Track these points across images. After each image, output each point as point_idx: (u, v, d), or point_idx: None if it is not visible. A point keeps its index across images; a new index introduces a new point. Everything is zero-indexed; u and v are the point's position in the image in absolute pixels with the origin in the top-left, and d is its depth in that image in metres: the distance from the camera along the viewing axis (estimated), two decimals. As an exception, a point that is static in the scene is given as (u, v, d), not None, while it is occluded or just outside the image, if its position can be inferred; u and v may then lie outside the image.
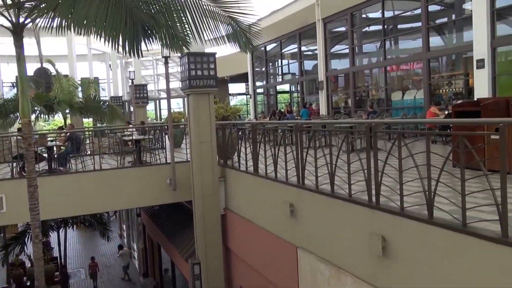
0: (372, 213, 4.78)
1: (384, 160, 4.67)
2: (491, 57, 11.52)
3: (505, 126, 3.54)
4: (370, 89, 18.75)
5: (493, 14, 11.49)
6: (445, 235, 3.90)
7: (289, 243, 6.61)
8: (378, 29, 16.78)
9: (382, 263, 4.60)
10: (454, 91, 14.23)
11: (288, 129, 8.32)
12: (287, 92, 27.16)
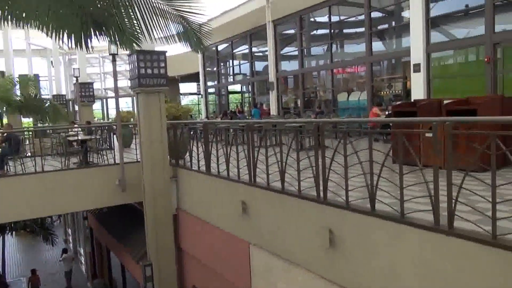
0: (320, 208, 5.07)
1: (331, 158, 4.98)
2: (426, 62, 12.41)
3: (437, 124, 3.93)
4: (318, 90, 19.40)
5: (428, 22, 12.38)
6: (386, 226, 4.25)
7: (242, 240, 6.79)
8: (326, 32, 17.47)
9: (330, 255, 4.90)
10: (394, 93, 15.14)
11: (240, 129, 8.51)
12: (239, 92, 27.41)
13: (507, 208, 4.05)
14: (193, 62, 26.93)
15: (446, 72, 12.97)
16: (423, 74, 12.40)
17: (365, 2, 14.68)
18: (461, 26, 12.66)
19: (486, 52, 11.16)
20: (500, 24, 11.24)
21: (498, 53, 11.09)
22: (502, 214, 3.71)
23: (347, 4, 16.31)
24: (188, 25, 7.43)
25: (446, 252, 3.72)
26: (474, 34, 11.77)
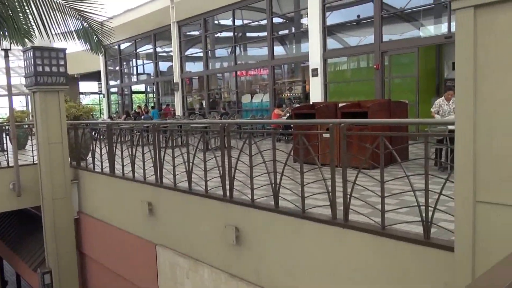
0: (226, 206, 5.21)
1: (236, 157, 5.13)
2: (323, 67, 13.31)
3: (333, 126, 4.29)
4: (222, 91, 19.64)
5: (324, 30, 13.28)
6: (288, 221, 4.52)
7: (148, 242, 6.67)
8: (230, 35, 17.76)
9: (236, 251, 5.06)
10: (294, 95, 15.97)
11: (145, 129, 8.33)
12: (143, 92, 26.57)
13: (394, 201, 4.54)
14: (94, 60, 25.43)
15: (341, 77, 14.06)
16: (320, 78, 13.28)
17: (267, 8, 15.25)
18: (354, 35, 13.80)
19: (375, 60, 12.30)
20: (387, 35, 12.49)
21: (385, 60, 12.31)
22: (389, 207, 4.17)
23: (250, 9, 16.78)
24: (88, 25, 7.08)
25: (342, 243, 4.08)
26: (365, 43, 12.89)
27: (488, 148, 2.34)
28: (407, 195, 3.90)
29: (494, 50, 2.30)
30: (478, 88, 2.37)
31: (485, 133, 2.35)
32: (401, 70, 12.50)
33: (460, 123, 2.44)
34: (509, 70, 2.25)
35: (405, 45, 12.02)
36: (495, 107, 2.31)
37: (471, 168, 2.39)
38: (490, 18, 2.29)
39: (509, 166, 2.26)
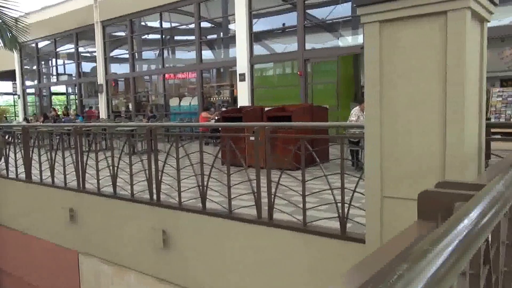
0: (153, 210, 5.17)
1: (163, 160, 5.12)
2: (250, 72, 13.61)
3: (258, 129, 4.46)
4: (150, 94, 19.22)
5: (251, 36, 13.59)
6: (216, 222, 4.60)
7: (70, 250, 6.38)
8: (157, 38, 17.46)
9: (164, 255, 5.03)
10: (223, 99, 16.11)
11: (66, 133, 7.95)
12: (64, 94, 25.08)
13: (315, 200, 4.80)
14: (8, 58, 23.60)
15: (267, 82, 14.47)
16: (247, 83, 13.56)
17: (195, 12, 15.24)
18: (280, 42, 14.29)
19: (299, 67, 12.85)
20: (311, 43, 13.10)
21: (308, 67, 12.90)
22: (311, 205, 4.41)
23: (178, 12, 16.65)
24: (1, 20, 6.66)
25: (268, 241, 4.25)
26: (290, 50, 13.40)
27: (392, 149, 2.61)
28: (327, 193, 4.17)
29: (397, 60, 2.58)
30: (384, 94, 2.64)
31: (390, 135, 2.62)
32: (323, 76, 13.17)
33: (369, 126, 2.69)
34: (409, 78, 2.54)
35: (326, 54, 12.69)
36: (398, 111, 2.59)
37: (379, 167, 2.66)
38: (394, 32, 2.58)
39: (408, 164, 2.55)
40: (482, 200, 0.88)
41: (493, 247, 1.88)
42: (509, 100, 9.72)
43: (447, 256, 0.63)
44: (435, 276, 0.58)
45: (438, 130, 2.44)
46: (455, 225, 0.74)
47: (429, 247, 0.63)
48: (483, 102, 2.75)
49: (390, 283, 0.53)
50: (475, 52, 2.59)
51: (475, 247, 0.75)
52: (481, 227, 0.77)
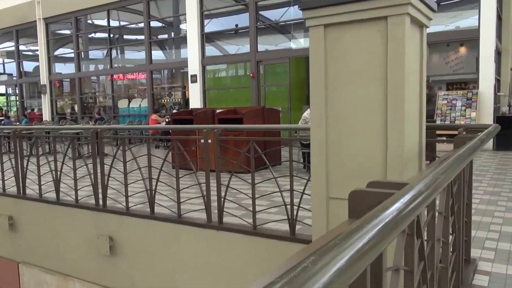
0: (99, 216, 4.97)
1: (110, 164, 4.93)
2: (202, 73, 13.48)
3: (207, 131, 4.40)
4: (97, 95, 18.56)
5: (203, 37, 13.47)
6: (164, 227, 4.50)
7: (9, 260, 6.00)
8: (105, 37, 16.88)
9: (111, 262, 4.85)
10: (174, 101, 15.84)
11: (5, 136, 7.47)
12: (3, 95, 23.66)
13: (266, 203, 4.81)
14: None
15: (220, 84, 14.38)
16: (199, 85, 13.41)
17: (144, 11, 14.87)
18: (232, 43, 14.26)
19: (251, 68, 12.88)
20: (264, 45, 13.17)
21: (261, 69, 12.96)
22: (261, 207, 4.41)
23: (127, 10, 16.20)
24: None
25: (218, 244, 4.20)
26: (243, 51, 13.41)
27: (337, 150, 2.65)
28: (278, 196, 4.19)
29: (341, 64, 2.62)
30: (329, 96, 2.67)
31: (335, 137, 2.66)
32: (275, 79, 13.26)
33: (315, 128, 2.72)
34: (353, 81, 2.58)
35: (278, 56, 12.80)
36: (342, 114, 2.63)
37: (324, 168, 2.68)
38: (338, 36, 2.61)
39: (352, 165, 2.59)
40: (398, 199, 0.95)
41: (428, 244, 1.96)
42: (454, 103, 10.25)
43: (353, 251, 0.68)
44: (339, 268, 0.62)
45: (380, 132, 2.50)
46: (367, 221, 0.79)
47: (337, 241, 0.69)
48: (423, 104, 2.85)
49: (294, 274, 0.56)
50: (415, 56, 2.68)
51: (386, 242, 0.82)
52: (393, 223, 0.84)
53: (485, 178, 6.52)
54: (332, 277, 0.60)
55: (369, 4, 2.42)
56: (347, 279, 0.66)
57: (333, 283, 0.60)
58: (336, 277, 0.61)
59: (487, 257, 3.37)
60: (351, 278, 0.68)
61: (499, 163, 8.02)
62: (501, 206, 4.89)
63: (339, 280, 0.62)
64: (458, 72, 11.22)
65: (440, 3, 11.07)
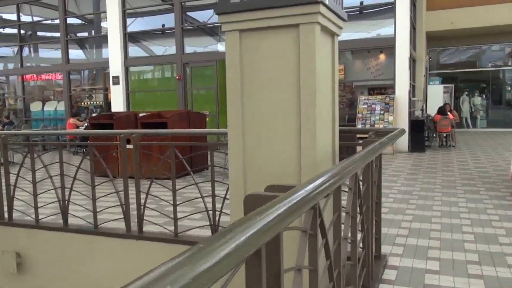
0: (4, 230, 4.55)
1: (17, 174, 4.55)
2: (125, 75, 12.97)
3: (125, 137, 4.21)
4: (6, 97, 17.08)
5: (125, 37, 12.97)
6: (80, 239, 4.23)
7: None
8: (14, 32, 15.58)
9: (18, 281, 4.47)
10: (95, 104, 15.06)
11: None
12: None
13: (189, 209, 4.71)
14: None
15: (145, 86, 13.92)
16: (122, 87, 12.89)
17: (59, 6, 13.96)
18: (159, 44, 13.88)
19: (178, 71, 12.64)
20: (192, 46, 12.98)
21: (187, 72, 12.77)
22: (184, 214, 4.31)
23: (41, 4, 15.09)
24: None
25: (137, 255, 4.03)
26: (169, 53, 13.10)
27: (253, 154, 2.65)
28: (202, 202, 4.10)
29: (257, 69, 2.63)
30: (246, 101, 2.67)
31: (252, 141, 2.66)
32: (203, 82, 13.13)
33: (232, 133, 2.70)
34: (269, 87, 2.60)
35: (205, 58, 12.68)
36: (259, 119, 2.63)
37: (242, 173, 2.68)
38: (253, 41, 2.62)
39: (270, 169, 2.61)
40: (281, 201, 1.05)
41: (335, 243, 2.02)
42: (373, 107, 10.83)
43: (223, 252, 0.76)
44: (207, 267, 0.71)
45: (294, 136, 2.54)
46: (244, 222, 0.88)
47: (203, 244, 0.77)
48: (335, 109, 2.95)
49: (161, 273, 0.67)
50: (326, 63, 2.76)
51: (263, 240, 0.92)
52: (271, 223, 0.94)
53: (399, 178, 6.95)
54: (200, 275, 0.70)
55: (281, 11, 2.45)
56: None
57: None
58: (204, 274, 0.71)
59: (397, 252, 3.58)
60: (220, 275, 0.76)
61: (413, 164, 8.61)
62: (412, 204, 5.23)
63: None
64: (378, 78, 11.91)
65: (362, 11, 11.69)
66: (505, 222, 4.36)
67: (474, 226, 4.26)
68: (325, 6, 2.47)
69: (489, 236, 3.94)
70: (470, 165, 8.06)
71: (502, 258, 3.39)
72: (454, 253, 3.52)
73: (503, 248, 3.61)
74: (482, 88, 17.45)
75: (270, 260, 1.26)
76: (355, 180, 2.29)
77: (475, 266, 3.25)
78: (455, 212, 4.80)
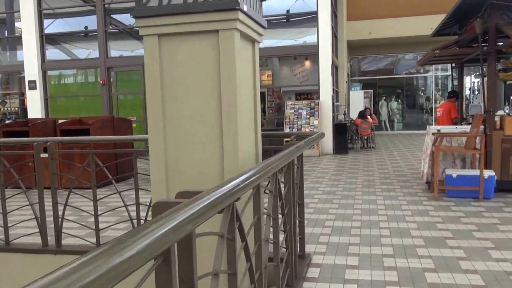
0: None
1: None
2: (43, 79, 12.19)
3: (39, 145, 3.95)
4: None
5: (42, 38, 12.21)
6: (-11, 257, 3.89)
7: None
8: None
9: None
10: (10, 110, 13.98)
11: None
12: None
13: (115, 218, 4.53)
14: None
15: (66, 91, 13.17)
16: (39, 92, 12.10)
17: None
18: (82, 47, 13.19)
19: (101, 75, 12.14)
20: (118, 50, 12.50)
21: (112, 76, 12.29)
22: (108, 224, 4.13)
23: None
24: None
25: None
26: (93, 56, 12.53)
27: (175, 160, 2.63)
28: (132, 210, 3.96)
29: (177, 74, 2.61)
30: (167, 106, 2.63)
31: (174, 146, 2.63)
32: (129, 86, 12.72)
33: (153, 138, 2.65)
34: (190, 91, 2.59)
35: (131, 62, 12.27)
36: (180, 124, 2.61)
37: (164, 178, 2.63)
38: (173, 46, 2.59)
39: (192, 174, 2.60)
40: (182, 208, 1.05)
41: (256, 244, 2.06)
42: (300, 112, 11.17)
43: (117, 259, 0.77)
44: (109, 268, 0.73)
45: (216, 141, 2.55)
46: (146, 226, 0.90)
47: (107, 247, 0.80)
48: (257, 113, 3.01)
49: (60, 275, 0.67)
50: (247, 68, 2.81)
51: (160, 249, 0.92)
52: (168, 230, 0.93)
53: (324, 180, 7.24)
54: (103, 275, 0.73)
55: (201, 17, 2.46)
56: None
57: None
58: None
59: (320, 250, 3.72)
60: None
61: (337, 165, 9.02)
62: (335, 204, 5.47)
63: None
64: (304, 84, 12.32)
65: (288, 20, 12.04)
66: (416, 216, 4.72)
67: (390, 221, 4.56)
68: (244, 13, 2.52)
69: (402, 230, 4.24)
70: (388, 165, 8.62)
71: (413, 250, 3.67)
72: (372, 248, 3.74)
73: (415, 241, 3.90)
74: (398, 93, 18.80)
75: (182, 267, 1.25)
76: (275, 183, 2.35)
77: (390, 259, 3.48)
78: (374, 209, 5.10)
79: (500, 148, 5.65)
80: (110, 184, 5.58)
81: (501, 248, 3.65)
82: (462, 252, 3.58)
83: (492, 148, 5.67)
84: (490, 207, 5.05)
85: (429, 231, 4.19)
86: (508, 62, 6.48)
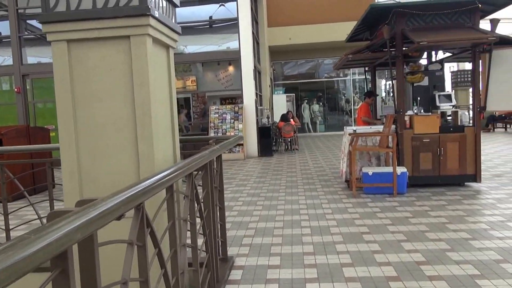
0: None
1: None
2: None
3: None
4: None
5: None
6: None
7: None
8: None
9: None
10: None
11: None
12: None
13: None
14: None
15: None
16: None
17: None
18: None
19: (16, 83, 11.39)
20: (36, 57, 11.74)
21: (28, 84, 11.54)
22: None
23: None
24: None
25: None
26: (7, 64, 11.72)
27: (89, 169, 2.55)
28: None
29: (89, 81, 2.54)
30: (78, 114, 2.55)
31: (86, 156, 2.55)
32: (48, 94, 12.05)
33: (64, 148, 2.55)
34: (102, 98, 2.53)
35: (50, 69, 11.51)
36: (93, 131, 2.54)
37: (77, 187, 2.55)
38: (83, 52, 2.53)
39: (105, 182, 2.55)
40: (70, 216, 1.03)
41: (171, 249, 2.08)
42: (224, 117, 11.24)
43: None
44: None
45: (131, 147, 2.52)
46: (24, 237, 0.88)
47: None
48: (174, 118, 3.01)
49: None
50: (161, 74, 2.81)
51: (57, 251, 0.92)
52: (53, 240, 0.91)
53: (249, 182, 7.38)
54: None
55: (111, 22, 2.43)
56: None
57: None
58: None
59: (244, 252, 3.80)
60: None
61: (262, 167, 9.22)
62: (259, 206, 5.60)
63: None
64: (228, 89, 12.44)
65: (211, 26, 12.09)
66: (336, 214, 4.98)
67: (311, 220, 4.77)
68: (156, 19, 2.53)
69: (323, 228, 4.46)
70: (310, 166, 8.98)
71: (332, 246, 3.86)
72: (293, 247, 3.89)
73: (334, 238, 4.11)
74: (319, 96, 19.66)
75: (84, 277, 1.24)
76: (191, 186, 2.38)
77: (310, 256, 3.64)
78: (296, 209, 5.30)
79: (411, 146, 6.14)
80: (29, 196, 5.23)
81: (412, 240, 3.94)
82: (377, 245, 3.83)
83: (403, 146, 6.14)
84: (403, 201, 5.45)
85: (347, 227, 4.43)
86: (415, 66, 7.05)
